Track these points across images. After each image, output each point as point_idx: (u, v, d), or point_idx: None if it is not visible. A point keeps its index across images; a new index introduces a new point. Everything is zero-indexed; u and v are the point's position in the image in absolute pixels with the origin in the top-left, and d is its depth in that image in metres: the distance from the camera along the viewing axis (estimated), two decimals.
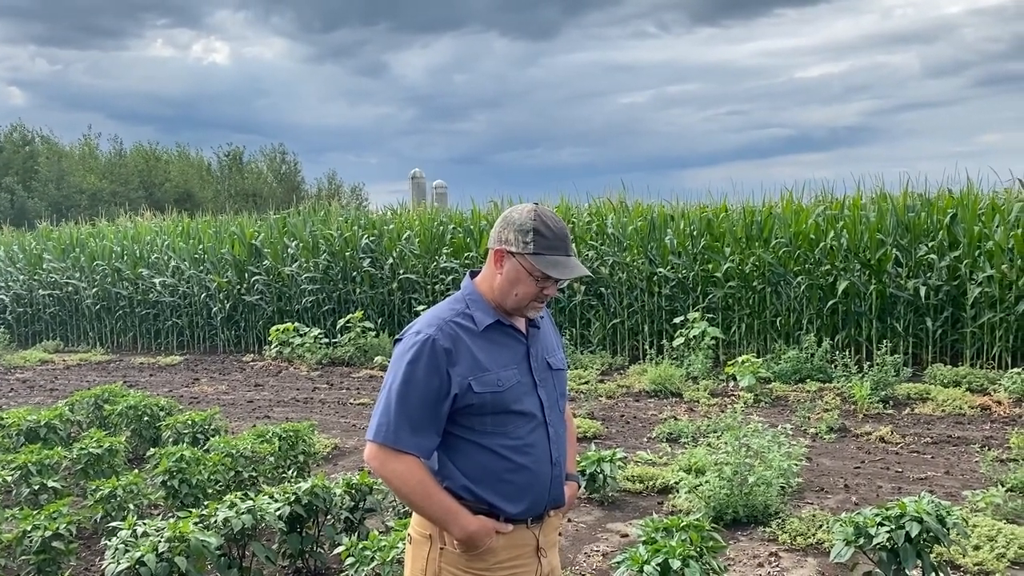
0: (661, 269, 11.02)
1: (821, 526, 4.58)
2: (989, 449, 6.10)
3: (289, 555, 4.21)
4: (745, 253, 10.69)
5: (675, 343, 10.03)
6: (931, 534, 3.49)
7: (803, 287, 10.18)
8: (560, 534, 4.16)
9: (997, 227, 9.52)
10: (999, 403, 7.67)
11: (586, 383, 9.15)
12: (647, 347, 10.84)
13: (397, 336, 2.23)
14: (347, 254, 12.96)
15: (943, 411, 7.54)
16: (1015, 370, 8.21)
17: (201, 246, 14.58)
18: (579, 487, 2.59)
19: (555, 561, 2.33)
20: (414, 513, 2.25)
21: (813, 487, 5.51)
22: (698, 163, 63.62)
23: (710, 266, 10.86)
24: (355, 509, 4.39)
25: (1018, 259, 9.21)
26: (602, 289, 11.43)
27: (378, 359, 11.06)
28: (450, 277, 12.15)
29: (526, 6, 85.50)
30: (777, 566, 4.23)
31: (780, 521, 4.72)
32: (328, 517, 4.32)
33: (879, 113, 72.83)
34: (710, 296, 10.73)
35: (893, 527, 3.46)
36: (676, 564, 3.21)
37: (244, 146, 44.87)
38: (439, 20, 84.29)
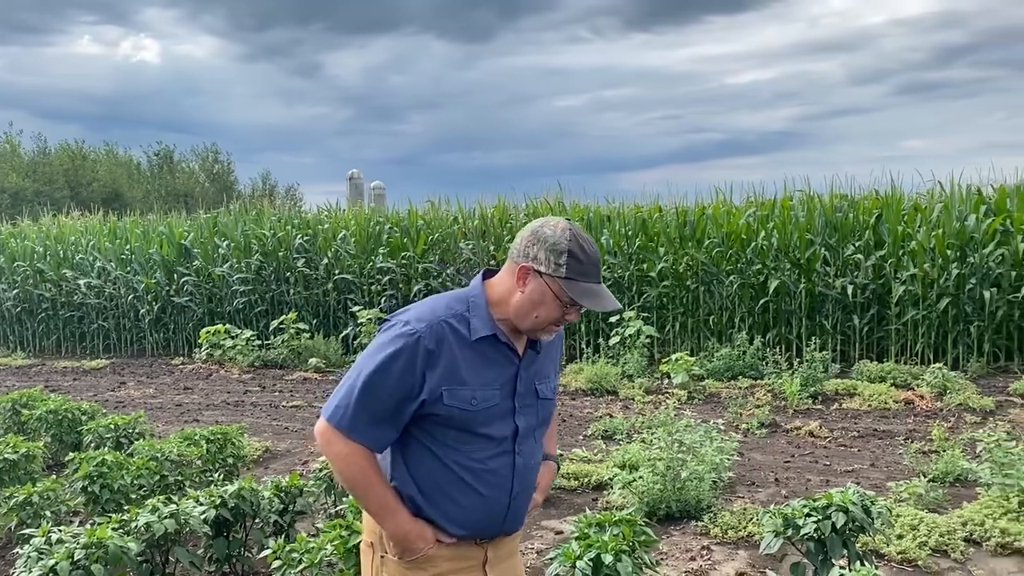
0: None
1: (752, 519, 4.64)
2: (912, 442, 6.29)
3: (215, 560, 4.08)
4: (679, 253, 10.85)
5: (611, 342, 10.10)
6: (857, 524, 3.55)
7: (735, 286, 10.36)
8: None
9: (919, 227, 9.85)
10: (922, 397, 7.92)
11: None
12: (583, 346, 10.90)
13: (386, 318, 2.10)
14: (280, 254, 12.71)
15: (869, 406, 7.75)
16: (936, 365, 8.49)
17: (128, 246, 14.13)
18: (557, 468, 2.50)
19: (514, 572, 2.25)
20: (364, 518, 2.18)
21: (745, 481, 5.59)
22: (634, 166, 64.46)
23: (645, 266, 10.98)
24: (284, 512, 4.28)
25: (939, 258, 9.54)
26: None
27: (312, 361, 10.87)
28: (387, 277, 12.02)
29: (462, 9, 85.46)
30: (709, 559, 4.28)
31: (712, 515, 4.77)
32: (256, 521, 4.21)
33: (808, 119, 74.85)
34: (645, 295, 10.84)
35: (820, 518, 3.52)
36: (608, 559, 3.21)
37: (175, 145, 43.78)
38: (375, 22, 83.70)
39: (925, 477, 5.23)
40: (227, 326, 11.88)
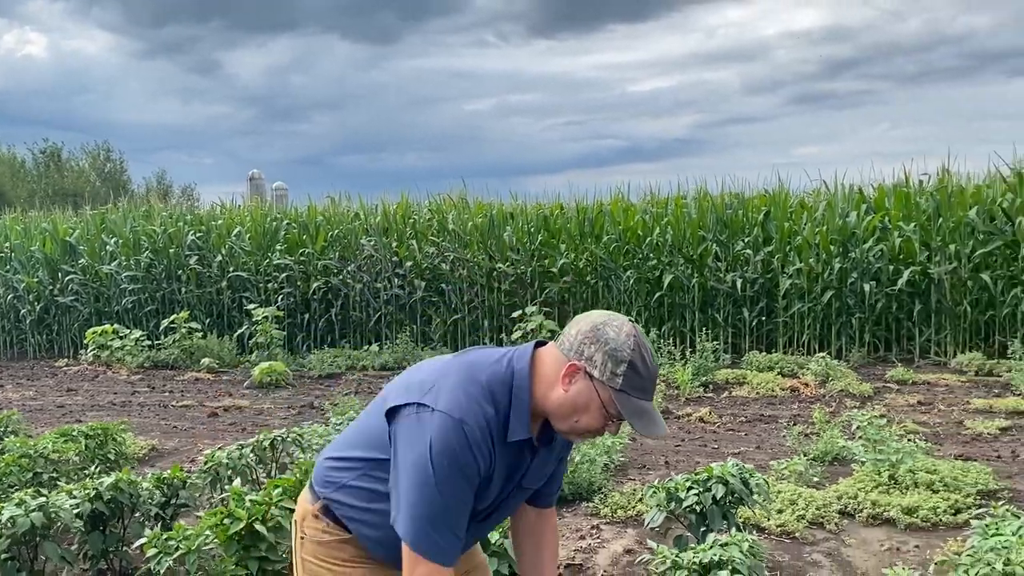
0: (500, 265, 11.15)
1: (640, 499, 4.74)
2: (795, 425, 6.56)
3: (91, 557, 3.90)
4: (579, 249, 11.02)
5: (513, 337, 10.16)
6: (736, 496, 3.68)
7: (632, 281, 10.59)
8: None
9: (805, 224, 10.29)
10: (806, 385, 8.27)
11: None
12: (487, 342, 10.92)
13: (406, 405, 1.84)
14: (172, 251, 12.28)
15: (757, 393, 8.04)
16: (820, 355, 8.88)
17: (8, 244, 13.39)
18: None
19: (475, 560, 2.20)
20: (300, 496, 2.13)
21: (636, 464, 5.72)
22: (540, 170, 65.14)
23: (547, 262, 11.10)
24: (166, 505, 4.14)
25: (823, 254, 9.99)
26: (443, 285, 11.42)
27: (205, 361, 10.53)
28: (284, 275, 11.76)
29: (366, 10, 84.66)
30: (598, 538, 4.35)
31: (603, 496, 4.85)
32: (136, 515, 4.05)
33: (706, 126, 77.25)
34: (547, 290, 10.96)
35: (701, 490, 3.63)
36: (495, 537, 3.23)
37: (63, 143, 41.73)
38: (275, 20, 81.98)
39: (805, 456, 5.46)
40: (115, 326, 11.40)
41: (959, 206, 9.76)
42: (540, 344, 1.94)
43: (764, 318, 10.34)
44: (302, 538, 2.06)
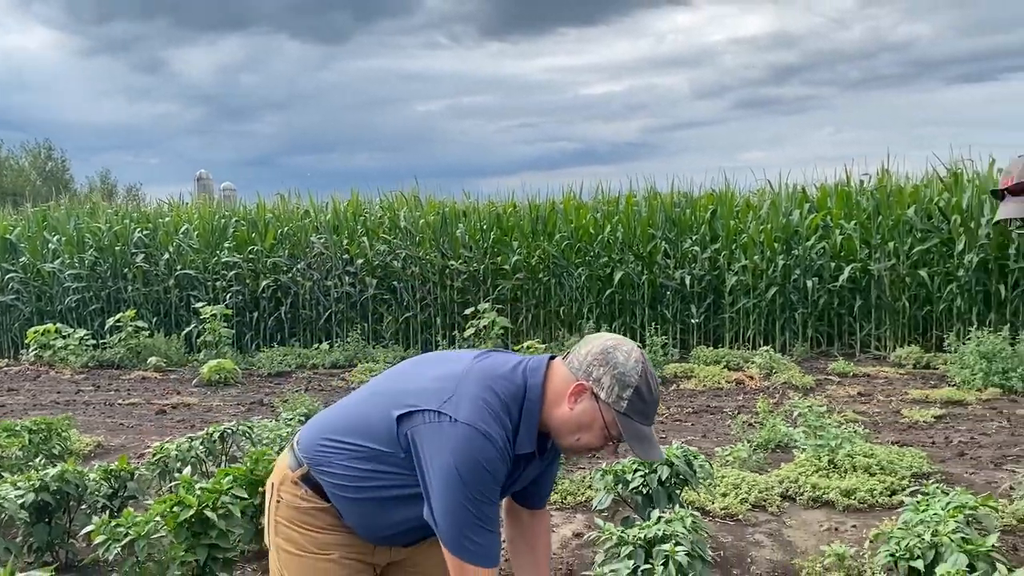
0: (453, 262, 11.18)
1: (590, 486, 4.83)
2: (740, 415, 6.72)
3: (36, 548, 3.85)
4: (531, 247, 11.11)
5: (466, 334, 10.20)
6: (681, 477, 3.79)
7: (584, 278, 10.72)
8: None
9: (750, 223, 10.53)
10: (751, 377, 8.47)
11: (375, 375, 9.09)
12: (439, 339, 10.95)
13: (424, 411, 1.90)
14: (117, 249, 12.06)
15: (704, 386, 8.21)
16: (764, 348, 9.11)
17: None
18: None
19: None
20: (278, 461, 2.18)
21: (586, 456, 5.81)
22: (493, 172, 65.36)
23: (499, 259, 11.17)
24: (114, 497, 4.10)
25: (768, 251, 10.24)
26: (394, 283, 11.41)
27: (152, 360, 10.35)
28: (232, 272, 11.64)
29: (316, 10, 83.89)
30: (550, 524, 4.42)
31: (553, 484, 4.92)
32: (83, 506, 4.00)
33: (656, 130, 78.19)
34: (499, 288, 11.02)
35: (647, 472, 3.73)
36: None
37: (2, 141, 40.60)
38: (224, 19, 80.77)
39: (749, 443, 5.61)
40: (58, 325, 11.14)
41: (898, 205, 10.08)
42: (551, 357, 2.00)
43: (711, 314, 10.55)
44: (278, 501, 2.10)
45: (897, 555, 3.10)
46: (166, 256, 11.92)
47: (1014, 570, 2.81)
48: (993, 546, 2.98)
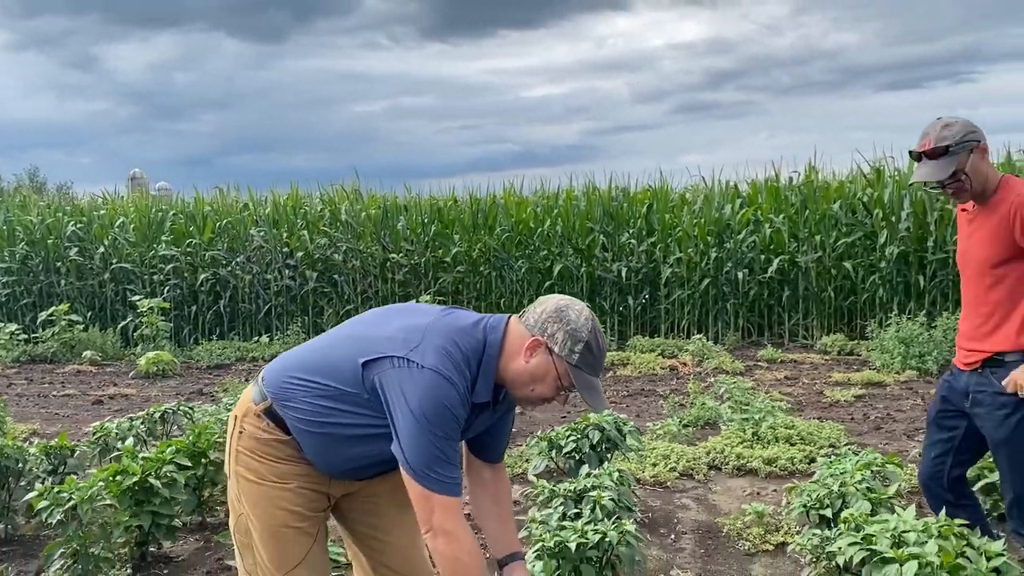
0: (394, 255, 11.26)
1: (527, 460, 5.00)
2: (672, 396, 6.97)
3: None
4: (472, 240, 11.25)
5: None
6: (611, 441, 3.99)
7: (524, 270, 10.91)
8: None
9: (685, 217, 10.86)
10: (685, 364, 8.76)
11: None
12: None
13: (392, 357, 2.03)
14: (50, 243, 11.82)
15: (640, 372, 8.47)
16: (697, 336, 9.42)
17: None
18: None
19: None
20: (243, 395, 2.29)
21: (524, 433, 5.98)
22: (434, 173, 65.42)
23: (440, 252, 11.28)
24: (54, 473, 4.12)
25: (701, 244, 10.57)
26: (335, 276, 11.43)
27: (87, 354, 10.19)
28: (170, 266, 11.52)
29: (253, 8, 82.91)
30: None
31: (508, 441, 5.07)
32: (22, 482, 4.01)
33: (597, 133, 79.28)
34: (441, 280, 11.14)
35: (579, 437, 3.92)
36: None
37: None
38: (157, 15, 79.17)
39: (680, 420, 5.85)
40: None
41: (824, 200, 10.51)
42: (509, 316, 2.17)
43: (648, 305, 10.84)
44: (240, 432, 2.22)
45: (808, 505, 3.35)
46: (101, 250, 11.73)
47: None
48: (894, 494, 3.24)
